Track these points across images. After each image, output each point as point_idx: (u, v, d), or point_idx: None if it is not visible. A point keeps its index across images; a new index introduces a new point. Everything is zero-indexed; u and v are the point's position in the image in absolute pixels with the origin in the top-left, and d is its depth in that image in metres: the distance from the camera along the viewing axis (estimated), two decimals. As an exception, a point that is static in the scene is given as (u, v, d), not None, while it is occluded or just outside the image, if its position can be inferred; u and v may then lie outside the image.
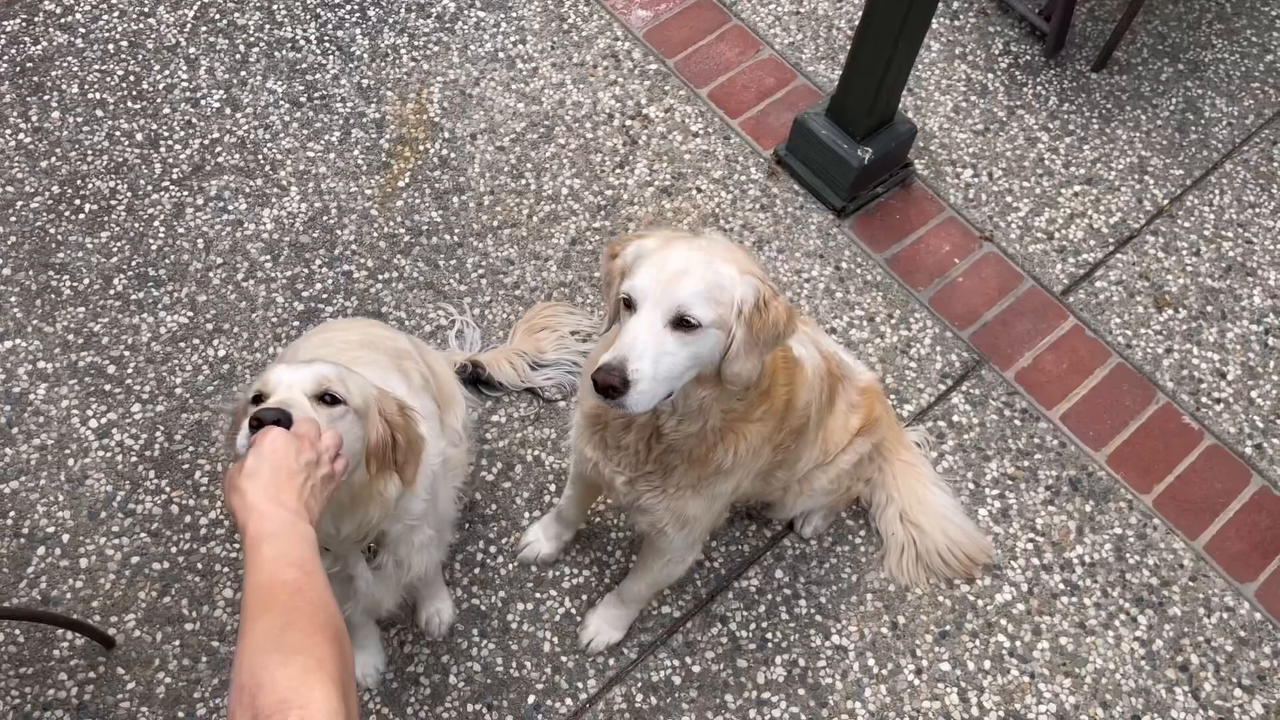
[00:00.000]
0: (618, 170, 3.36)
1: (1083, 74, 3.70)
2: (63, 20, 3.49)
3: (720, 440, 2.01)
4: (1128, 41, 3.79)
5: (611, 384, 1.72)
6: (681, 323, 1.75)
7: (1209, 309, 3.26)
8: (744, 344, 1.80)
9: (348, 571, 2.07)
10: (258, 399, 1.70)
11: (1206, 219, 3.44)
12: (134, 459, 2.77)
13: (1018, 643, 2.71)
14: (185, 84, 3.40)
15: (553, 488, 2.82)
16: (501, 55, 3.56)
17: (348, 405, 1.73)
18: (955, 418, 3.01)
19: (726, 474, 2.06)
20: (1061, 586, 2.79)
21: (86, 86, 3.36)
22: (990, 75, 3.67)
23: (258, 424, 1.56)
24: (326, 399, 1.71)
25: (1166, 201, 3.46)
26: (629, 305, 1.80)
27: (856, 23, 3.11)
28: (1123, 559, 2.84)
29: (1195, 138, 3.60)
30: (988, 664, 2.68)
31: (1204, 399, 3.10)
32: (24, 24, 3.46)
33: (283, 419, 1.57)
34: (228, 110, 3.36)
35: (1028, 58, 3.72)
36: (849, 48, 3.04)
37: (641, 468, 2.07)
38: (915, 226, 3.34)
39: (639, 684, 2.59)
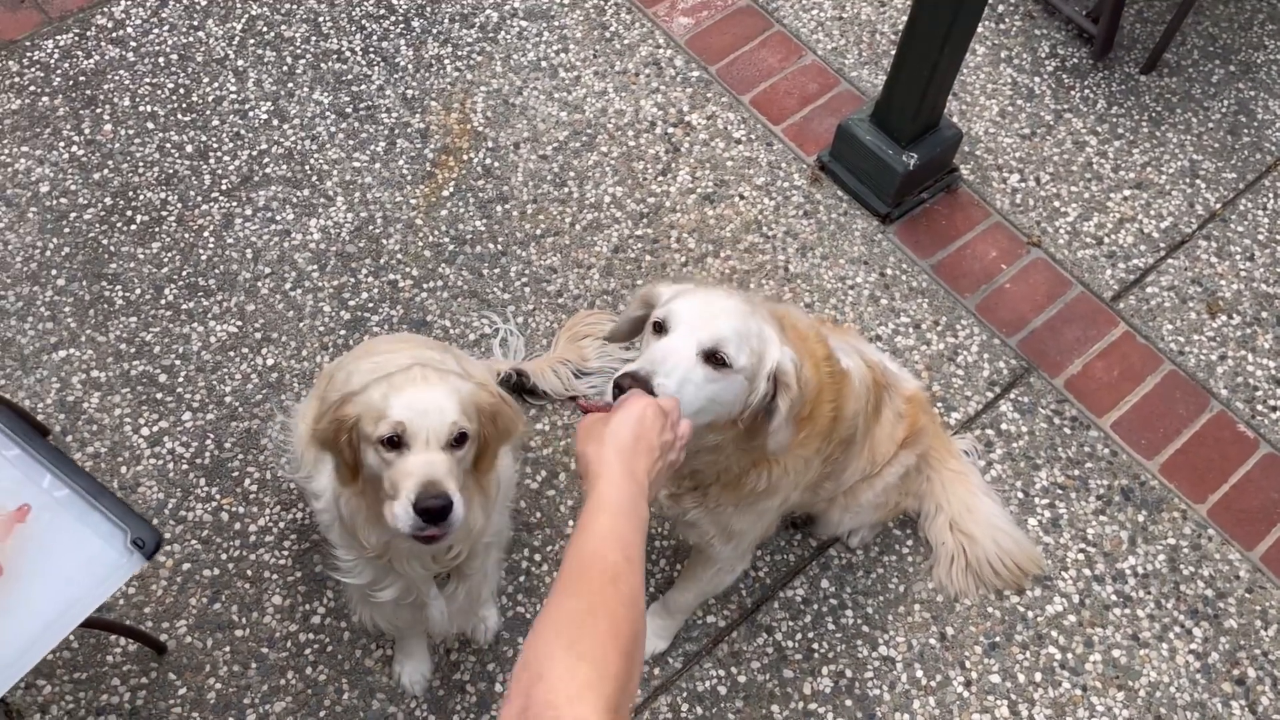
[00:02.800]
0: (660, 178, 3.36)
1: (1131, 76, 3.65)
2: (114, 34, 3.55)
3: (752, 467, 1.99)
4: (1177, 43, 3.73)
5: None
6: (713, 358, 1.72)
7: (1264, 315, 3.19)
8: (788, 415, 1.80)
9: (422, 599, 2.08)
10: (393, 441, 1.72)
11: (1260, 223, 3.37)
12: (185, 467, 2.80)
13: (1069, 655, 2.67)
14: (234, 96, 3.44)
15: (597, 496, 2.82)
16: (544, 64, 3.57)
17: (469, 438, 1.77)
18: (1004, 426, 2.98)
19: (767, 494, 2.05)
20: (1114, 598, 2.75)
21: (138, 99, 3.42)
22: (1037, 79, 3.63)
23: (427, 512, 1.67)
24: (455, 440, 1.74)
25: (1219, 205, 3.40)
26: (659, 329, 1.77)
27: (900, 27, 3.09)
28: (1177, 570, 2.79)
29: (1248, 140, 3.53)
30: (1039, 676, 2.64)
31: (1259, 407, 3.04)
32: (77, 38, 3.53)
33: (447, 506, 1.67)
34: (275, 121, 3.40)
35: (1075, 60, 3.67)
36: (893, 53, 3.02)
37: (681, 484, 2.06)
38: (961, 232, 3.31)
39: (684, 694, 2.58)
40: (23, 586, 1.91)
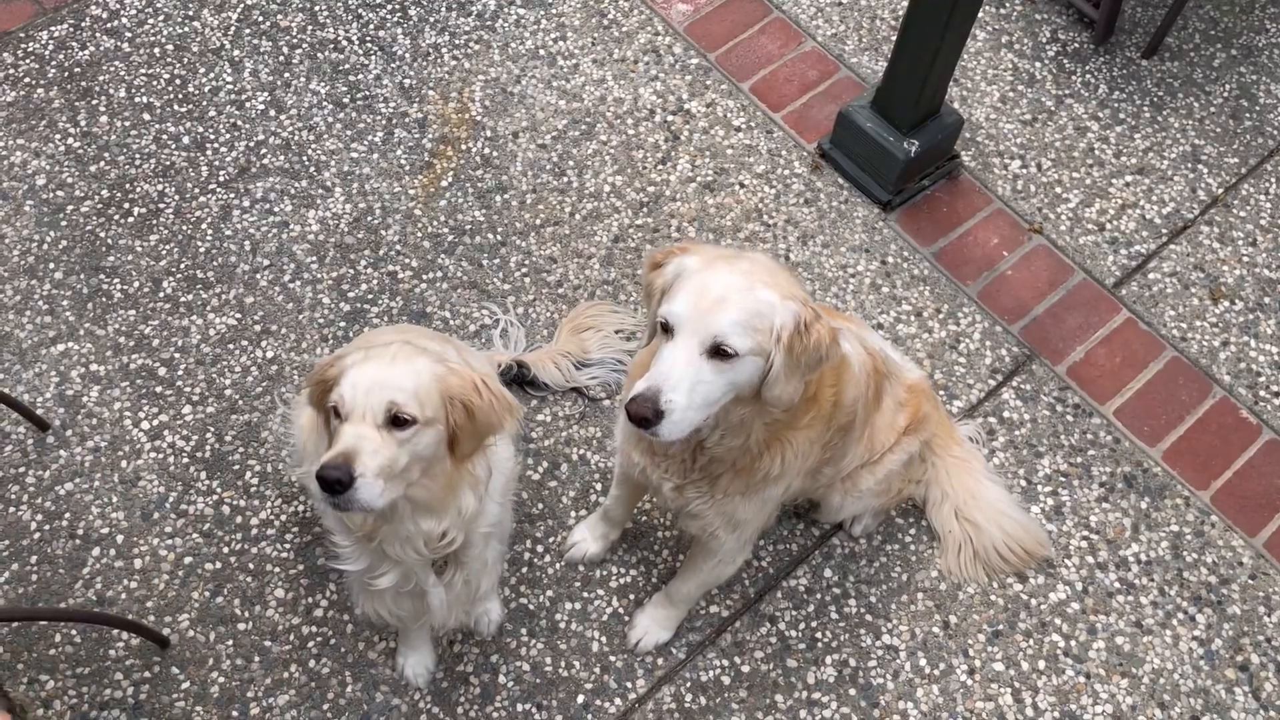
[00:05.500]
0: (660, 166, 3.34)
1: (1133, 61, 3.63)
2: (109, 25, 3.52)
3: (766, 450, 2.00)
4: (1179, 27, 3.71)
5: (644, 415, 1.74)
6: (718, 351, 1.76)
7: (1267, 300, 3.18)
8: (784, 368, 1.80)
9: (420, 587, 2.07)
10: (336, 411, 1.75)
11: (1263, 208, 3.36)
12: (185, 460, 2.80)
13: (1073, 642, 2.67)
14: (230, 87, 3.42)
15: (599, 486, 2.82)
16: (542, 52, 3.55)
17: (418, 422, 1.75)
18: (1006, 414, 2.97)
19: (776, 480, 2.05)
20: (1117, 585, 2.74)
21: (133, 90, 3.39)
22: (1038, 64, 3.61)
23: (323, 481, 1.68)
24: (397, 420, 1.74)
25: (1221, 190, 3.38)
26: (666, 330, 1.80)
27: (900, 13, 3.07)
28: (1180, 557, 2.79)
29: (1250, 124, 3.51)
30: (1042, 664, 2.64)
31: (1262, 392, 3.03)
32: (71, 29, 3.50)
33: (344, 480, 1.67)
34: (272, 112, 3.38)
35: (1076, 45, 3.65)
36: (894, 39, 3.00)
37: (689, 475, 2.06)
38: (963, 219, 3.29)
39: (688, 684, 2.58)
40: None
